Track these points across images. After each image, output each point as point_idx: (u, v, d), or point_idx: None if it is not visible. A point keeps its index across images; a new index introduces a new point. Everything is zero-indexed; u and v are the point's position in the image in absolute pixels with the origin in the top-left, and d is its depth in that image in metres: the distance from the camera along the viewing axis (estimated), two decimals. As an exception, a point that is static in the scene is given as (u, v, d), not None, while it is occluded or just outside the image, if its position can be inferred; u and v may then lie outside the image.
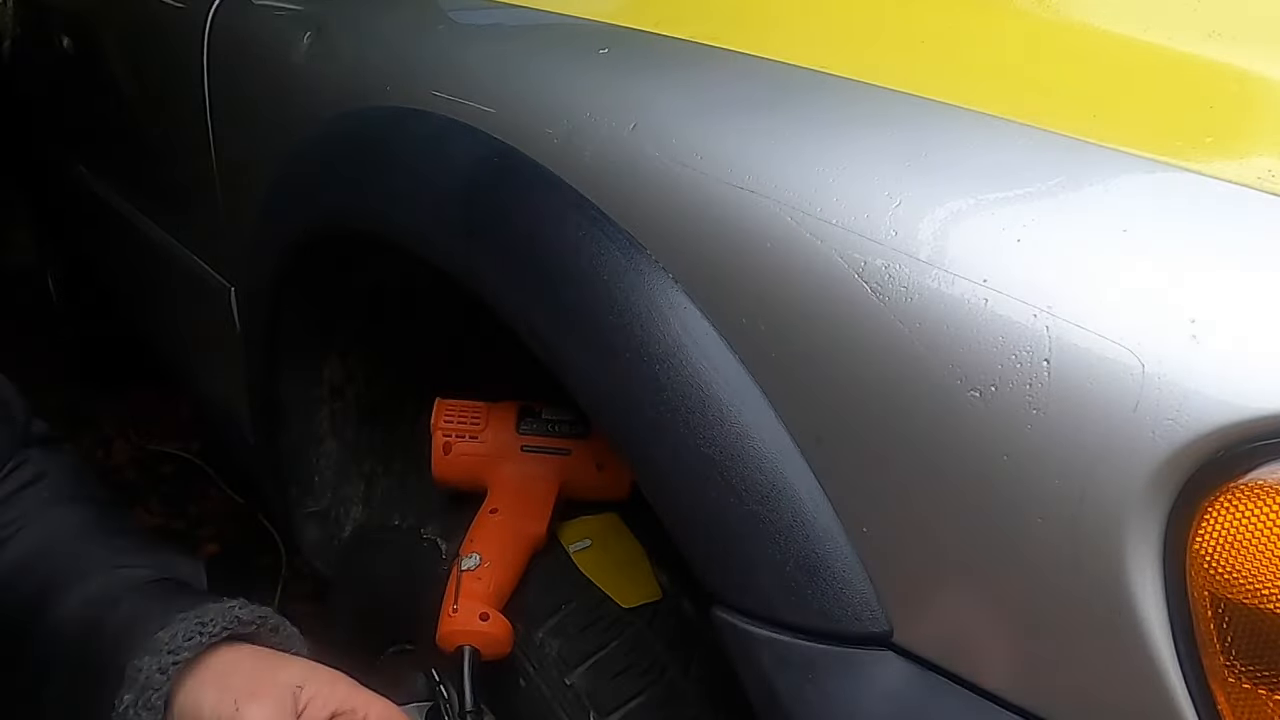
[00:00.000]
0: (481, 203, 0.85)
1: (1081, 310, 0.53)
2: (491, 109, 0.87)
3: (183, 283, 1.67)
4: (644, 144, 0.74)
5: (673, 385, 0.69)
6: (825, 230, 0.63)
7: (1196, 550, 0.51)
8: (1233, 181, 0.57)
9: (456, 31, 1.05)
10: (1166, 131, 0.62)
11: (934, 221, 0.60)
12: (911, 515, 0.61)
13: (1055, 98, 0.67)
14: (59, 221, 2.74)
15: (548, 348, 0.79)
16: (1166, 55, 0.67)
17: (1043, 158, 0.62)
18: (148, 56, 1.73)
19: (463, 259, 0.87)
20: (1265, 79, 0.65)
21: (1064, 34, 0.73)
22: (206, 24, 1.39)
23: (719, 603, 0.70)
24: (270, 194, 1.20)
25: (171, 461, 2.63)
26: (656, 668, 0.93)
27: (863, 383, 0.61)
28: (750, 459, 0.66)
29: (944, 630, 0.62)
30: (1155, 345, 0.51)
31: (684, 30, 0.84)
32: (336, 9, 1.19)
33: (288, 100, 1.20)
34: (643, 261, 0.72)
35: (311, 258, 1.16)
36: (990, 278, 0.56)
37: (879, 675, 0.64)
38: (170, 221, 1.74)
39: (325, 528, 1.42)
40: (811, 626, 0.65)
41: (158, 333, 2.11)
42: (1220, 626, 0.51)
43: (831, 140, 0.68)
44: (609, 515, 1.04)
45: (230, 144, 1.38)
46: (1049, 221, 0.58)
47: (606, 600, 0.96)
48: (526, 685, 0.93)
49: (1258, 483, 0.50)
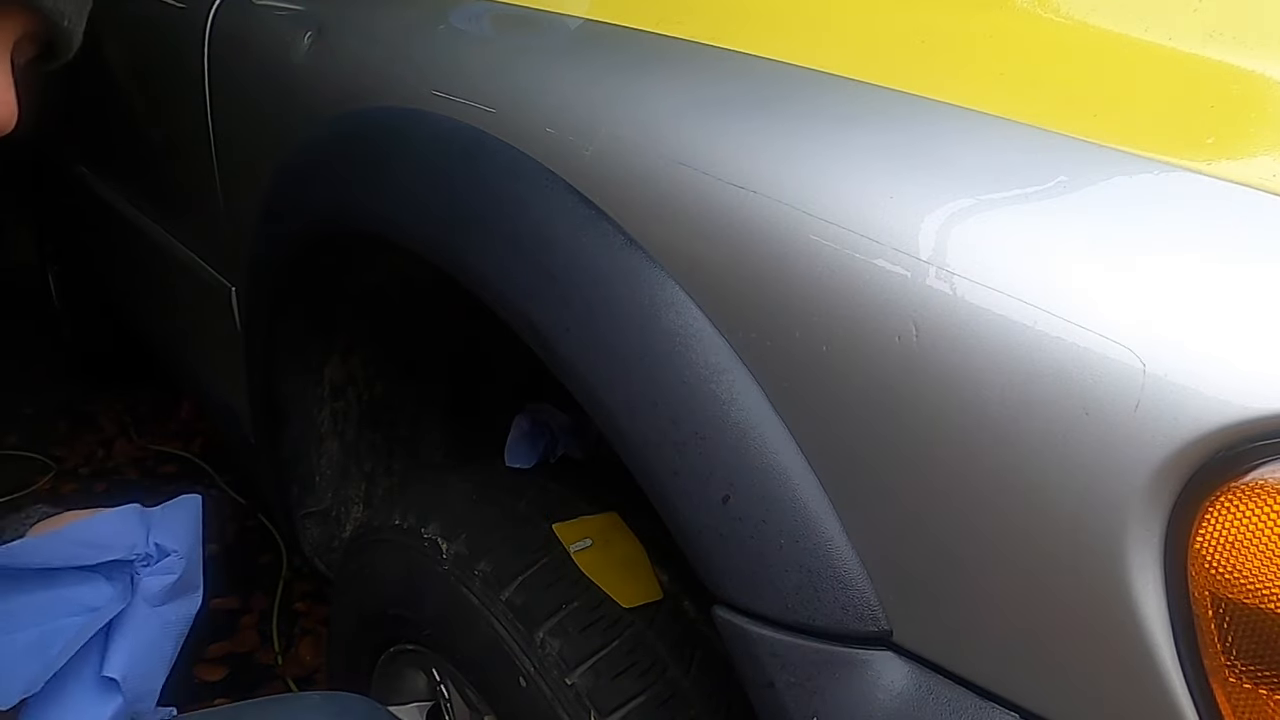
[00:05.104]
0: (481, 202, 0.85)
1: (1081, 310, 0.53)
2: (491, 109, 0.87)
3: (183, 283, 1.67)
4: (644, 143, 0.74)
5: (672, 385, 0.69)
6: (825, 230, 0.63)
7: (1197, 550, 0.51)
8: (1234, 181, 0.57)
9: (456, 31, 1.05)
10: (1167, 132, 0.62)
11: (934, 221, 0.60)
12: (911, 515, 0.61)
13: (1055, 98, 0.67)
14: (59, 221, 2.74)
15: (547, 347, 0.79)
16: (1167, 55, 0.67)
17: (1043, 158, 0.62)
18: (148, 56, 1.73)
19: (462, 258, 0.87)
20: (1266, 79, 0.65)
21: (1064, 34, 0.73)
22: (207, 24, 1.39)
23: (720, 603, 0.70)
24: (270, 194, 1.20)
25: (172, 461, 2.63)
26: (657, 667, 0.93)
27: (863, 382, 0.61)
28: (751, 459, 0.66)
29: (944, 630, 0.62)
30: (1155, 345, 0.51)
31: (684, 29, 0.84)
32: (336, 9, 1.19)
33: (288, 100, 1.20)
34: (643, 260, 0.72)
35: (312, 257, 1.16)
36: (990, 277, 0.56)
37: (879, 675, 0.64)
38: (170, 221, 1.74)
39: (326, 527, 1.42)
40: (812, 626, 0.65)
41: (158, 332, 2.11)
42: (1220, 626, 0.51)
43: (831, 140, 0.68)
44: (609, 515, 1.04)
45: (230, 144, 1.38)
46: (1049, 221, 0.58)
47: (607, 600, 0.96)
48: (527, 685, 0.94)
49: (1258, 483, 0.50)
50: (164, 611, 0.77)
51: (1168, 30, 0.68)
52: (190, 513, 0.80)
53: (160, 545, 0.77)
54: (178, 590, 0.77)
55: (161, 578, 0.76)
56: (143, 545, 0.77)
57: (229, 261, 1.45)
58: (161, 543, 0.77)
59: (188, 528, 0.79)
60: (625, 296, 0.73)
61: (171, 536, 0.77)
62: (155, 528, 0.78)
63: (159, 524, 0.78)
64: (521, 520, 1.04)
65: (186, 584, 0.78)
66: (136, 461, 2.65)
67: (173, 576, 0.77)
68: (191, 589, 0.79)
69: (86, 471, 2.60)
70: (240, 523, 2.33)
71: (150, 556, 0.76)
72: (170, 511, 0.80)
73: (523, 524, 1.03)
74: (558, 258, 0.78)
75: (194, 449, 2.66)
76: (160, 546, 0.77)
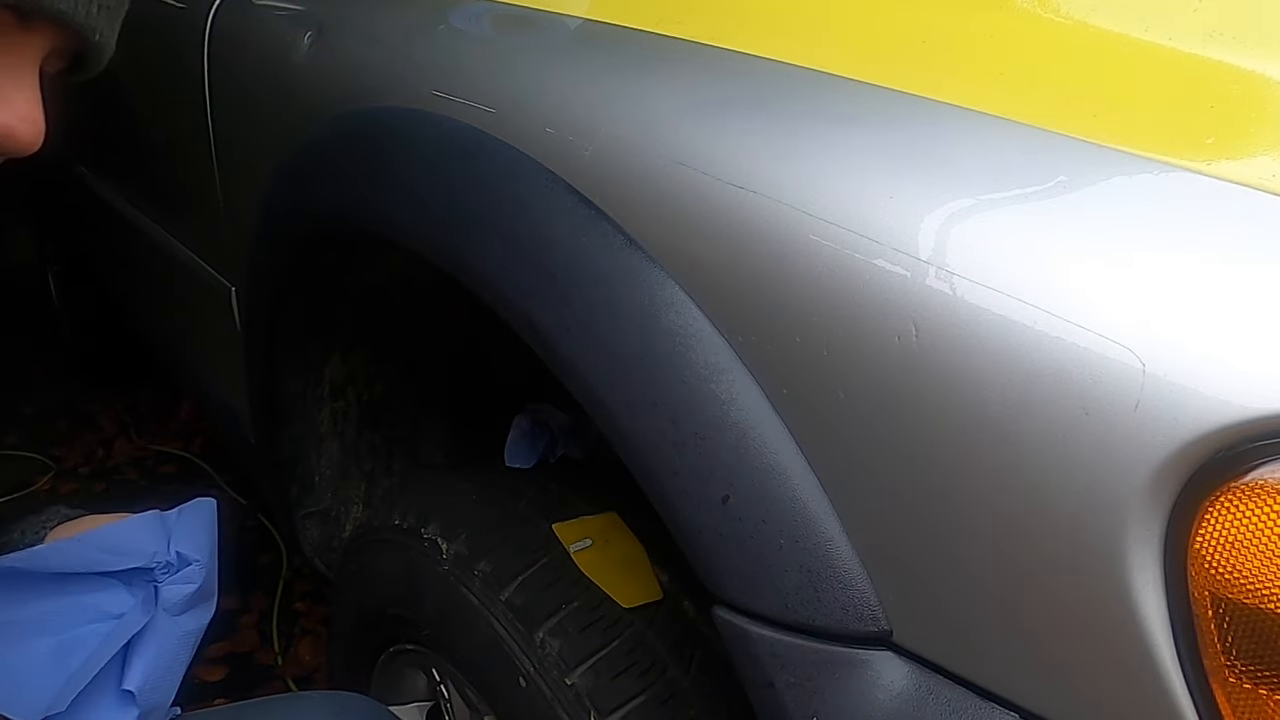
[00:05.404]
0: (481, 202, 0.85)
1: (1081, 310, 0.53)
2: (491, 109, 0.87)
3: (183, 282, 1.67)
4: (644, 143, 0.74)
5: (672, 385, 0.69)
6: (825, 230, 0.63)
7: (1197, 550, 0.51)
8: (1234, 181, 0.57)
9: (456, 31, 1.05)
10: (1167, 132, 0.62)
11: (934, 221, 0.60)
12: (911, 515, 0.61)
13: (1055, 98, 0.66)
14: (59, 221, 2.74)
15: (547, 347, 0.79)
16: (1167, 55, 0.67)
17: (1043, 158, 0.61)
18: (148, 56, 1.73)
19: (462, 258, 0.87)
20: (1266, 79, 0.65)
21: (1064, 34, 0.73)
22: (207, 24, 1.39)
23: (720, 603, 0.70)
24: (270, 194, 1.20)
25: (172, 461, 2.64)
26: (657, 667, 0.93)
27: (863, 382, 0.61)
28: (751, 459, 0.66)
29: (944, 630, 0.62)
30: (1155, 345, 0.51)
31: (684, 29, 0.84)
32: (336, 9, 1.19)
33: (288, 100, 1.20)
34: (642, 260, 0.72)
35: (312, 257, 1.16)
36: (990, 277, 0.56)
37: (879, 675, 0.64)
38: (170, 221, 1.74)
39: (326, 527, 1.42)
40: (812, 626, 0.65)
41: (158, 332, 2.11)
42: (1220, 626, 0.51)
43: (831, 140, 0.68)
44: (609, 515, 1.04)
45: (230, 144, 1.38)
46: (1049, 221, 0.58)
47: (607, 600, 0.96)
48: (527, 685, 0.94)
49: (1258, 483, 0.50)
50: (182, 621, 0.76)
51: (1168, 30, 0.68)
52: (207, 518, 0.80)
53: (181, 554, 0.76)
54: (196, 599, 0.77)
55: (182, 587, 0.75)
56: (164, 553, 0.76)
57: (229, 261, 1.45)
58: (183, 551, 0.76)
59: (206, 534, 0.78)
60: (625, 296, 0.73)
61: (192, 544, 0.77)
62: (175, 535, 0.77)
63: (179, 531, 0.77)
64: (521, 520, 1.04)
65: (204, 593, 0.77)
66: (136, 461, 2.65)
67: (193, 586, 0.76)
68: (208, 597, 0.78)
69: (86, 471, 2.60)
70: (240, 523, 2.33)
71: (171, 565, 0.76)
72: (188, 517, 0.79)
73: (523, 524, 1.03)
74: (558, 257, 0.78)
75: (194, 449, 2.66)
76: (181, 555, 0.76)
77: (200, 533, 0.78)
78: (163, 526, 0.77)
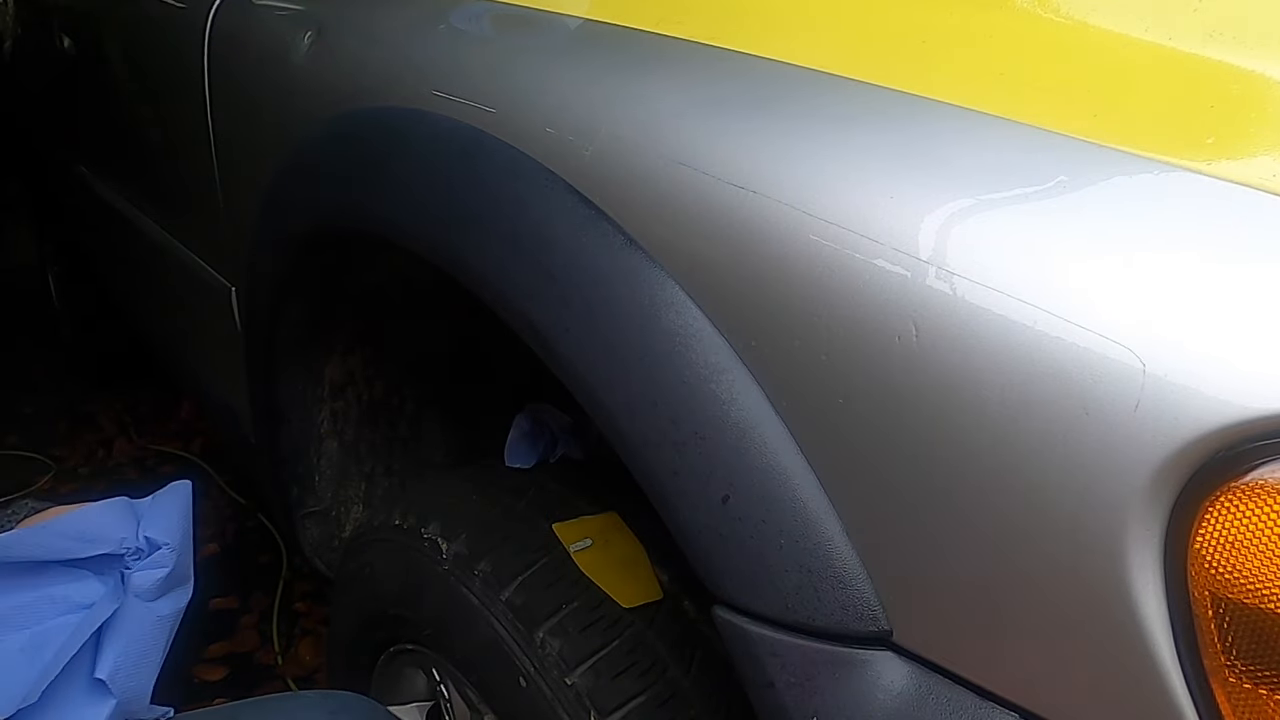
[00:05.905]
0: (480, 202, 0.85)
1: (1081, 310, 0.53)
2: (491, 109, 0.87)
3: (183, 283, 1.67)
4: (644, 143, 0.74)
5: (672, 385, 0.69)
6: (825, 230, 0.63)
7: (1197, 550, 0.51)
8: (1234, 181, 0.57)
9: (456, 31, 1.05)
10: (1167, 131, 0.62)
11: (933, 221, 0.60)
12: (911, 515, 0.61)
13: (1055, 98, 0.66)
14: (59, 221, 2.74)
15: (547, 347, 0.79)
16: (1167, 55, 0.67)
17: (1043, 158, 0.61)
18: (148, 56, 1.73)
19: (462, 258, 0.87)
20: (1266, 79, 0.65)
21: (1064, 34, 0.73)
22: (207, 24, 1.39)
23: (720, 603, 0.70)
24: (270, 194, 1.20)
25: (172, 461, 2.64)
26: (657, 667, 0.93)
27: (863, 382, 0.61)
28: (751, 459, 0.66)
29: (944, 630, 0.62)
30: (1155, 345, 0.51)
31: (684, 29, 0.84)
32: (336, 9, 1.19)
33: (288, 100, 1.20)
34: (642, 260, 0.72)
35: (311, 257, 1.16)
36: (990, 277, 0.56)
37: (879, 675, 0.64)
38: (170, 221, 1.74)
39: (326, 527, 1.42)
40: (812, 626, 0.65)
41: (158, 332, 2.11)
42: (1220, 626, 0.51)
43: (831, 140, 0.68)
44: (609, 515, 1.04)
45: (230, 144, 1.38)
46: (1049, 221, 0.58)
47: (607, 600, 0.96)
48: (527, 685, 0.94)
49: (1258, 483, 0.50)
50: (156, 606, 0.76)
51: (1168, 30, 0.68)
52: (180, 501, 0.79)
53: (150, 538, 0.75)
54: (169, 584, 0.76)
55: (152, 572, 0.75)
56: (132, 538, 0.75)
57: (229, 261, 1.45)
58: (152, 535, 0.75)
59: (178, 518, 0.78)
60: (625, 296, 0.73)
61: (162, 528, 0.76)
62: (145, 520, 0.76)
63: (148, 515, 0.77)
64: (521, 520, 1.04)
65: (178, 577, 0.77)
66: (136, 461, 2.65)
67: (164, 570, 0.75)
68: (182, 581, 0.77)
69: (86, 471, 2.60)
70: (240, 523, 2.33)
71: (141, 550, 0.75)
72: (160, 502, 0.78)
73: (523, 524, 1.03)
74: (557, 258, 0.78)
75: (194, 449, 2.66)
76: (150, 540, 0.75)
77: (173, 516, 0.77)
78: (131, 512, 0.77)
